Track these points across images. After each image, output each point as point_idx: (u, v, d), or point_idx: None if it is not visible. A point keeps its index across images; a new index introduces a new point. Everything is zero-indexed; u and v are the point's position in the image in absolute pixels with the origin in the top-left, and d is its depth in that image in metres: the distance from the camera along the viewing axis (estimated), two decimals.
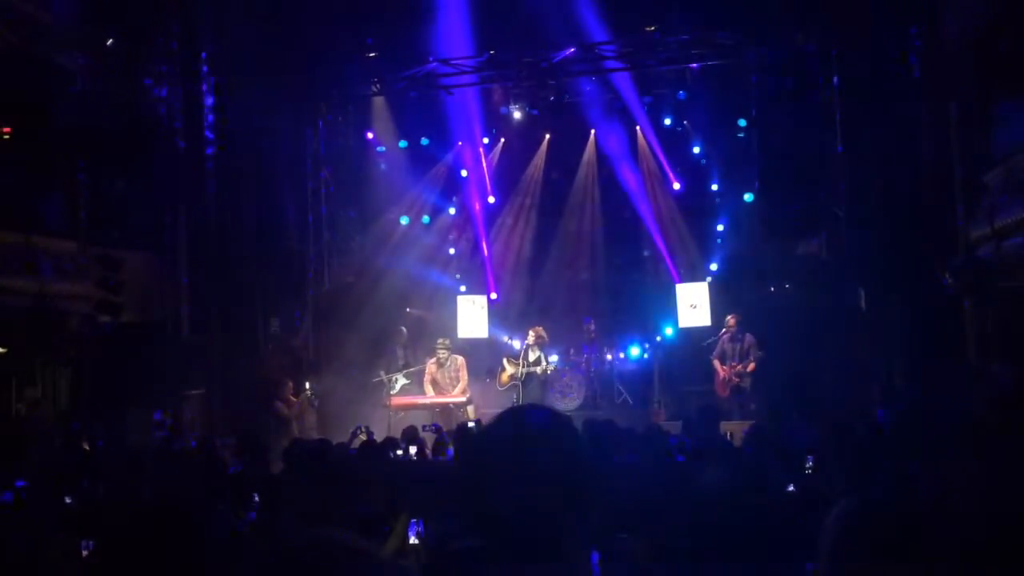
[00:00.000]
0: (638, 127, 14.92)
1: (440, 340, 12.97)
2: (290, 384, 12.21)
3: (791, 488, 4.51)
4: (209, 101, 13.08)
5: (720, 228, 14.59)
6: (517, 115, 15.27)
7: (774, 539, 3.40)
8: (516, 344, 14.08)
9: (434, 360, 12.84)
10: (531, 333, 13.13)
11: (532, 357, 13.02)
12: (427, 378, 12.79)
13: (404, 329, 13.97)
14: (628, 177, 14.98)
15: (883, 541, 1.55)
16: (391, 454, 7.50)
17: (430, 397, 12.58)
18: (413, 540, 3.06)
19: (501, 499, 1.56)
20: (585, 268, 15.61)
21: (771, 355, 12.15)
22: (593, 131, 15.37)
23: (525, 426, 1.68)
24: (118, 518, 1.68)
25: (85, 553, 3.89)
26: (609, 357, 14.14)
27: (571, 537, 1.58)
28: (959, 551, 1.55)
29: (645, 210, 14.85)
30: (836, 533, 1.62)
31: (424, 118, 15.06)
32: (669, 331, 14.24)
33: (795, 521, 2.69)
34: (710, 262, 14.56)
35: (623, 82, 14.24)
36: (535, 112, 15.26)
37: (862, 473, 3.77)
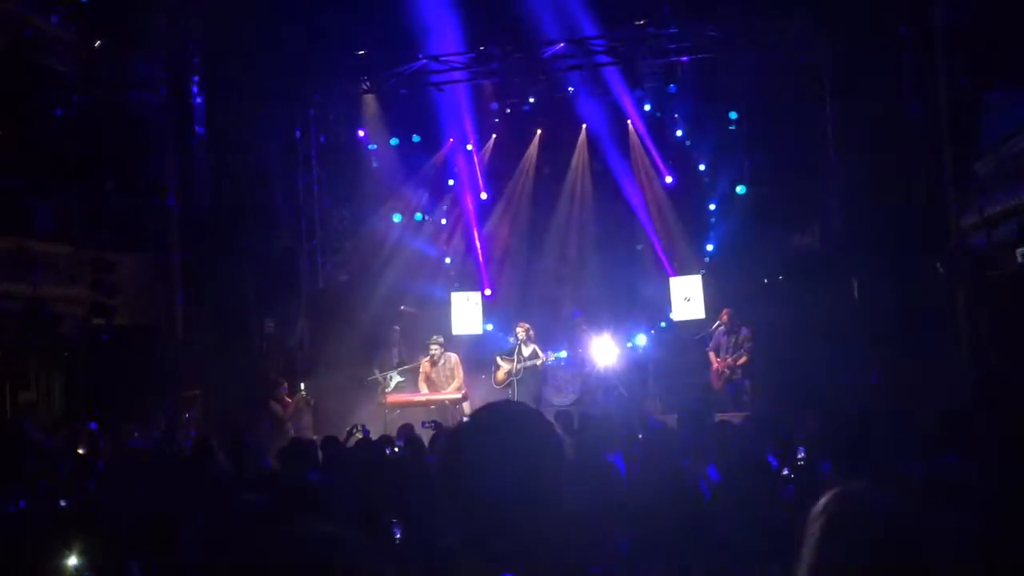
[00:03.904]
0: (629, 121, 14.89)
1: (433, 338, 12.85)
2: (285, 384, 12.21)
3: (785, 471, 4.54)
4: (199, 102, 13.05)
5: (713, 221, 14.59)
6: (508, 111, 15.25)
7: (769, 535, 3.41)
8: (511, 339, 14.06)
9: (427, 358, 12.79)
10: (519, 329, 13.11)
11: (527, 352, 13.00)
12: (421, 376, 12.74)
13: (397, 328, 13.95)
14: (620, 171, 14.98)
15: (867, 533, 1.57)
16: (387, 451, 7.50)
17: (425, 394, 12.53)
18: (398, 537, 3.08)
19: (474, 496, 1.58)
20: (579, 263, 15.59)
21: (765, 347, 12.20)
22: (584, 125, 15.34)
23: (496, 422, 1.69)
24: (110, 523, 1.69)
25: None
26: (602, 352, 14.12)
27: (545, 533, 1.59)
28: (944, 544, 1.57)
29: (638, 204, 14.86)
30: (820, 524, 1.63)
31: (415, 115, 15.03)
32: (661, 326, 14.24)
33: (789, 515, 2.71)
34: (703, 255, 14.57)
35: (614, 76, 14.24)
36: (526, 107, 15.24)
37: (853, 465, 3.79)
